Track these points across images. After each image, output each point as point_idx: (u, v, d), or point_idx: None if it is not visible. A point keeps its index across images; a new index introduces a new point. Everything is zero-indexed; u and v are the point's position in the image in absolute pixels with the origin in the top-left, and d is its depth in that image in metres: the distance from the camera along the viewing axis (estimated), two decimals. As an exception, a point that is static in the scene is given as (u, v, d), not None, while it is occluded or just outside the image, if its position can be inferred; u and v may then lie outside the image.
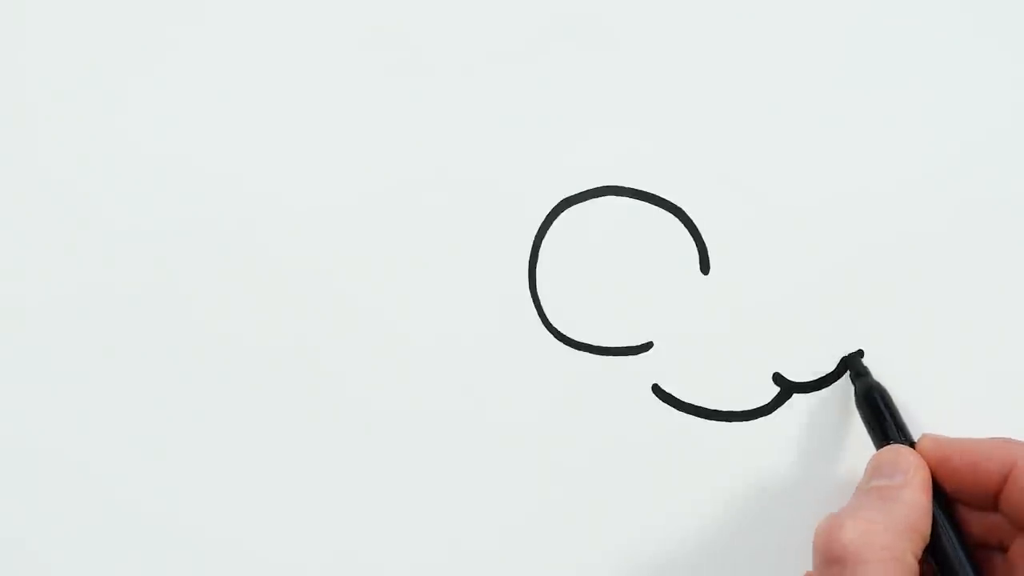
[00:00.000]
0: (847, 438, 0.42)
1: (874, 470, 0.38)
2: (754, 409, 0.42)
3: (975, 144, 0.43)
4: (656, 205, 0.43)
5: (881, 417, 0.40)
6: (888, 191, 0.43)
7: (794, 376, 0.42)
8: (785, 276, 0.43)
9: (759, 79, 0.44)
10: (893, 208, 0.43)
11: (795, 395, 0.42)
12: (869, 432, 0.40)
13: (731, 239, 0.43)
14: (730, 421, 0.42)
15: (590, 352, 0.43)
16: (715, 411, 0.42)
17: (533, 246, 0.44)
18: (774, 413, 0.42)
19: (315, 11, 0.45)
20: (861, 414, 0.41)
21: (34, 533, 0.43)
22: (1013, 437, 0.37)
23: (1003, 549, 0.38)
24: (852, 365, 0.42)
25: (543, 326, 0.43)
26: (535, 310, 0.43)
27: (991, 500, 0.37)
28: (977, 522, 0.38)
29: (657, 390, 0.43)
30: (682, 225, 0.43)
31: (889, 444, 0.39)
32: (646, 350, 0.43)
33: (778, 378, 0.42)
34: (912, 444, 0.39)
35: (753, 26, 0.44)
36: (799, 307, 0.43)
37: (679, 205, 0.43)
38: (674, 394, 0.43)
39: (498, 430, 0.43)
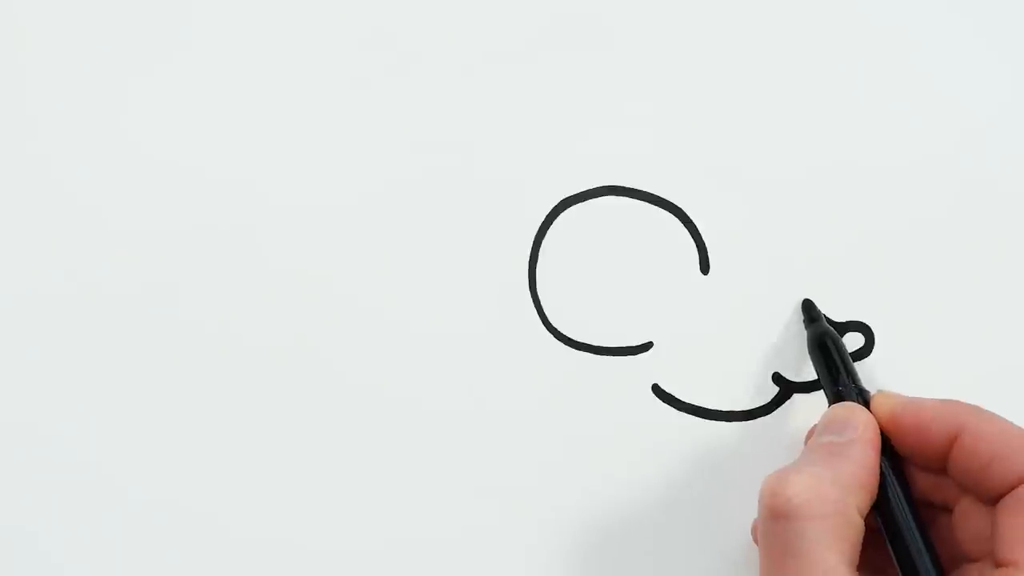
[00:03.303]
0: (847, 438, 0.42)
1: (825, 426, 0.38)
2: (754, 409, 0.42)
3: (976, 144, 0.43)
4: (656, 205, 0.43)
5: (832, 364, 0.40)
6: (889, 191, 0.43)
7: (794, 376, 0.42)
8: (785, 276, 0.43)
9: (759, 79, 0.44)
10: (893, 208, 0.43)
11: (795, 395, 0.42)
12: (820, 378, 0.40)
13: (731, 239, 0.43)
14: (730, 421, 0.42)
15: (590, 352, 0.43)
16: (715, 411, 0.42)
17: (533, 246, 0.44)
18: (774, 413, 0.42)
19: (315, 12, 0.45)
20: (813, 360, 0.41)
21: (43, 530, 0.43)
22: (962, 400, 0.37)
23: (948, 509, 0.38)
24: (807, 310, 0.42)
25: (543, 326, 0.43)
26: (535, 310, 0.43)
27: (939, 461, 0.37)
28: (924, 481, 0.38)
29: (657, 390, 0.43)
30: (682, 225, 0.43)
31: (839, 390, 0.39)
32: (646, 350, 0.43)
33: (778, 378, 0.42)
34: (862, 392, 0.39)
35: (753, 26, 0.44)
36: (799, 307, 0.43)
37: (679, 205, 0.43)
38: (674, 394, 0.43)
39: (498, 430, 0.43)
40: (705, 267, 0.43)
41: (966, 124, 0.43)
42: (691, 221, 0.43)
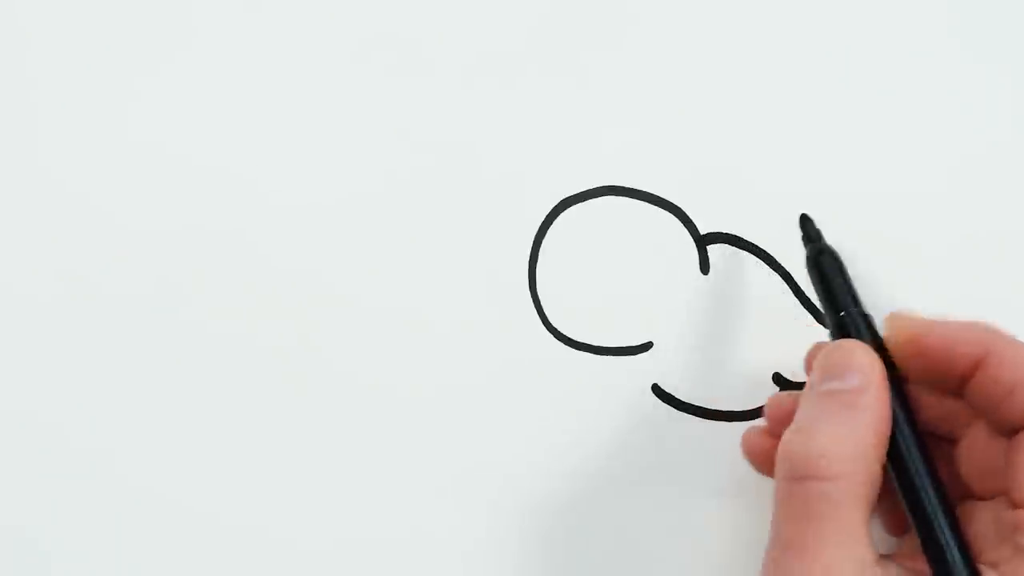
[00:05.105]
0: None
1: (826, 371, 0.36)
2: (754, 409, 0.42)
3: (978, 143, 0.43)
4: (656, 205, 0.44)
5: (835, 284, 0.38)
6: (889, 191, 0.43)
7: (794, 376, 0.42)
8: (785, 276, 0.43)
9: (760, 79, 0.44)
10: (894, 209, 0.43)
11: (795, 395, 0.42)
12: (822, 302, 0.39)
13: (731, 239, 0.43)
14: (730, 421, 0.42)
15: (590, 352, 0.43)
16: (715, 411, 0.42)
17: (533, 246, 0.44)
18: (774, 413, 0.42)
19: (316, 12, 0.45)
20: (812, 280, 0.39)
21: (43, 530, 0.43)
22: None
23: (952, 440, 0.37)
24: (804, 228, 0.40)
25: (543, 326, 0.43)
26: (535, 310, 0.43)
27: (957, 386, 0.36)
28: (930, 411, 0.37)
29: (657, 390, 0.43)
30: (682, 225, 0.43)
31: (841, 317, 0.37)
32: (646, 350, 0.43)
33: (778, 378, 0.42)
34: (865, 317, 0.37)
35: (754, 27, 0.44)
36: (799, 307, 0.43)
37: (679, 205, 0.43)
38: (674, 394, 0.43)
39: (497, 430, 0.43)
40: (705, 267, 0.43)
41: (967, 122, 0.43)
42: (691, 221, 0.43)
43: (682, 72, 0.44)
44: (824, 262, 0.39)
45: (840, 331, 0.38)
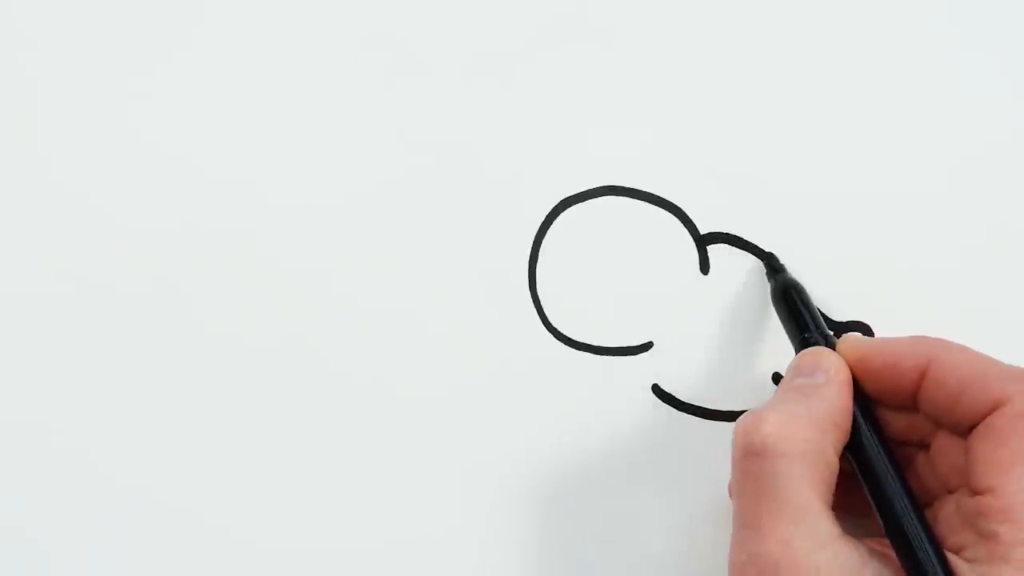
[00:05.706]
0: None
1: (795, 370, 0.38)
2: (754, 409, 0.42)
3: (978, 143, 0.43)
4: (656, 205, 0.44)
5: (798, 313, 0.40)
6: (889, 191, 0.43)
7: (794, 376, 0.42)
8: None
9: (759, 79, 0.44)
10: (894, 208, 0.43)
11: (795, 395, 0.42)
12: (785, 329, 0.40)
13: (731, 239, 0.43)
14: (730, 421, 0.42)
15: (590, 352, 0.43)
16: (715, 411, 0.42)
17: (533, 246, 0.44)
18: (774, 413, 0.42)
19: (316, 12, 0.45)
20: (777, 311, 0.41)
21: (43, 530, 0.43)
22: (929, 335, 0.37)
23: (924, 446, 0.38)
24: (768, 262, 0.42)
25: (543, 326, 0.43)
26: (535, 310, 0.43)
27: (910, 399, 0.37)
28: (897, 421, 0.38)
29: (657, 390, 0.43)
30: (682, 225, 0.43)
31: (806, 337, 0.39)
32: (646, 350, 0.43)
33: (778, 378, 0.42)
34: (827, 338, 0.39)
35: (755, 26, 0.44)
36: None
37: (679, 205, 0.43)
38: (674, 394, 0.43)
39: (497, 430, 0.43)
40: (705, 267, 0.43)
41: (967, 123, 0.43)
42: (691, 221, 0.43)
43: (683, 72, 0.44)
44: (788, 292, 0.40)
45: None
